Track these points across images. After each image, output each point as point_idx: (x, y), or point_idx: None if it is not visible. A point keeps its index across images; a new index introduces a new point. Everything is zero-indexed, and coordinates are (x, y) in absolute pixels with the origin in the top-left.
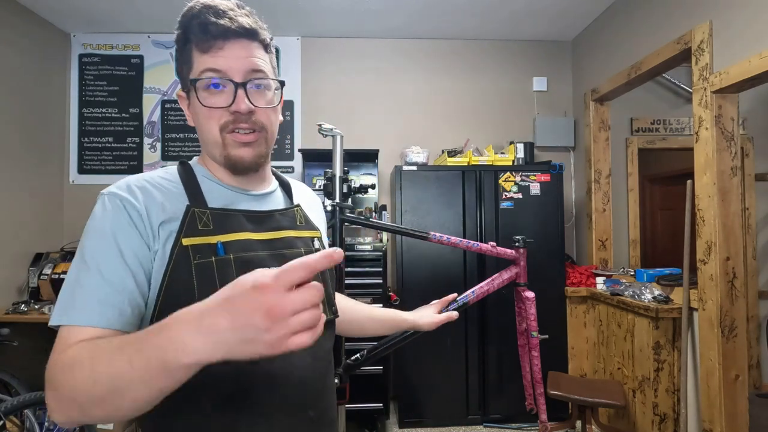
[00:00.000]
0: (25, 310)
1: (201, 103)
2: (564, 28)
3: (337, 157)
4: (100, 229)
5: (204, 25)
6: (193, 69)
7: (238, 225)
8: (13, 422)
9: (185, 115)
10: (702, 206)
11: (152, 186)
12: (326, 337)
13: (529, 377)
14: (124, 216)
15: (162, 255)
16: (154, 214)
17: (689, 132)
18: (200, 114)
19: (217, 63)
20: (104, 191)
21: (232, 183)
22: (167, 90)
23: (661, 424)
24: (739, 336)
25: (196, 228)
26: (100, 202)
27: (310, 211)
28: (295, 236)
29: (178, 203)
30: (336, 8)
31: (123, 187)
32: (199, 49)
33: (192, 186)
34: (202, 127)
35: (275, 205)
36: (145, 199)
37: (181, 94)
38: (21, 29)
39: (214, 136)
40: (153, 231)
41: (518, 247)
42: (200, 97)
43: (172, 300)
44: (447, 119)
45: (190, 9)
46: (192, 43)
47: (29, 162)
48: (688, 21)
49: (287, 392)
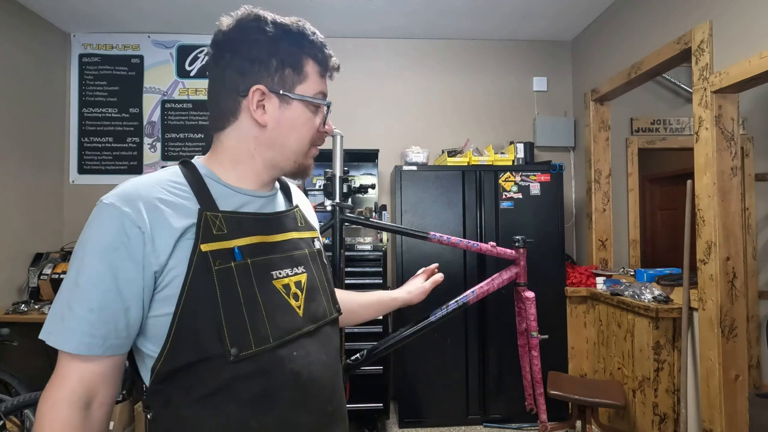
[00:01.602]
0: (25, 310)
1: (314, 119)
2: (564, 28)
3: (337, 157)
4: (96, 249)
5: (328, 55)
6: (305, 82)
7: (249, 228)
8: (13, 422)
9: (251, 108)
10: (702, 206)
11: (159, 197)
12: (335, 334)
13: (529, 377)
14: (121, 238)
15: (178, 265)
16: (163, 232)
17: (689, 132)
18: (298, 124)
19: (326, 89)
20: (105, 199)
21: (246, 186)
22: (167, 90)
23: (661, 424)
24: (739, 336)
25: (211, 233)
26: (99, 213)
27: (307, 212)
28: (299, 237)
29: (190, 209)
30: (336, 8)
31: (127, 200)
32: (320, 73)
33: (200, 188)
34: (291, 135)
35: (279, 207)
36: (150, 217)
37: (262, 89)
38: (21, 29)
39: (302, 146)
40: (157, 249)
41: (518, 247)
42: (315, 115)
43: (193, 306)
44: (447, 119)
45: (310, 31)
46: (311, 60)
47: (29, 162)
48: (688, 21)
49: (309, 389)
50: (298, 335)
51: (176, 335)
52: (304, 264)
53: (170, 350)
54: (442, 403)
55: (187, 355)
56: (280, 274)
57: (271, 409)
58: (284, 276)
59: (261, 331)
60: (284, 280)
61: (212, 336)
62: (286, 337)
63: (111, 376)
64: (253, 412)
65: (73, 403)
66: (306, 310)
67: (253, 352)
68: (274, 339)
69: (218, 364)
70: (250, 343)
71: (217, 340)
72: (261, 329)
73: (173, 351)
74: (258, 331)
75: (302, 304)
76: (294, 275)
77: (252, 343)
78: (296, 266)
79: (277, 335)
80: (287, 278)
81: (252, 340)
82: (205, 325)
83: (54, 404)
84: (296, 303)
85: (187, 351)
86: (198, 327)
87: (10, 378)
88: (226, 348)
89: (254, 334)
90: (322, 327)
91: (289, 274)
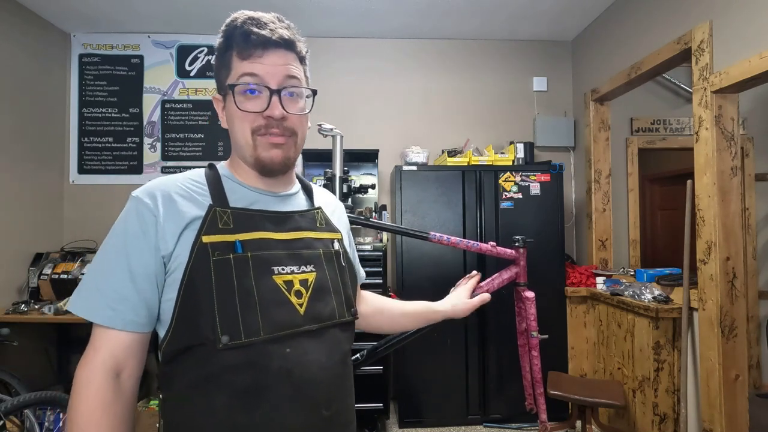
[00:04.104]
0: (25, 310)
1: (237, 107)
2: (564, 28)
3: (337, 157)
4: (118, 233)
5: (246, 34)
6: (231, 74)
7: (257, 224)
8: (13, 422)
9: (219, 117)
10: (702, 206)
11: (176, 192)
12: (345, 338)
13: (529, 377)
14: (141, 225)
15: (182, 253)
16: (172, 222)
17: (689, 132)
18: (234, 117)
19: (254, 68)
20: (133, 193)
21: (256, 185)
22: (167, 90)
23: (661, 424)
24: (739, 336)
25: (217, 227)
26: (127, 203)
27: (332, 215)
28: (314, 237)
29: (202, 204)
30: (336, 8)
31: (148, 193)
32: (240, 56)
33: (216, 187)
34: (235, 129)
35: (296, 206)
36: (164, 207)
37: (218, 97)
38: (21, 29)
39: (245, 137)
40: (166, 236)
41: (518, 247)
42: (236, 101)
43: (192, 292)
44: (447, 119)
45: (235, 19)
46: (233, 50)
47: (29, 162)
48: (688, 21)
49: (300, 389)
50: (295, 333)
51: (178, 319)
52: (314, 263)
53: (173, 333)
54: (442, 403)
55: (186, 338)
56: (282, 270)
57: (259, 403)
58: (287, 272)
59: (252, 324)
60: (286, 276)
61: (207, 323)
62: (280, 333)
63: (136, 351)
64: (241, 404)
65: (106, 370)
66: (309, 308)
67: (242, 343)
68: (265, 332)
69: (210, 350)
70: (240, 334)
71: (210, 327)
72: (252, 321)
73: (175, 334)
74: (249, 323)
75: (305, 302)
76: (300, 273)
77: (242, 334)
78: (304, 264)
79: (269, 329)
80: (291, 275)
81: (242, 331)
82: (202, 312)
83: (91, 370)
84: (298, 300)
85: (186, 335)
86: (195, 313)
87: (10, 378)
88: (217, 335)
89: (245, 325)
90: (328, 328)
91: (294, 271)
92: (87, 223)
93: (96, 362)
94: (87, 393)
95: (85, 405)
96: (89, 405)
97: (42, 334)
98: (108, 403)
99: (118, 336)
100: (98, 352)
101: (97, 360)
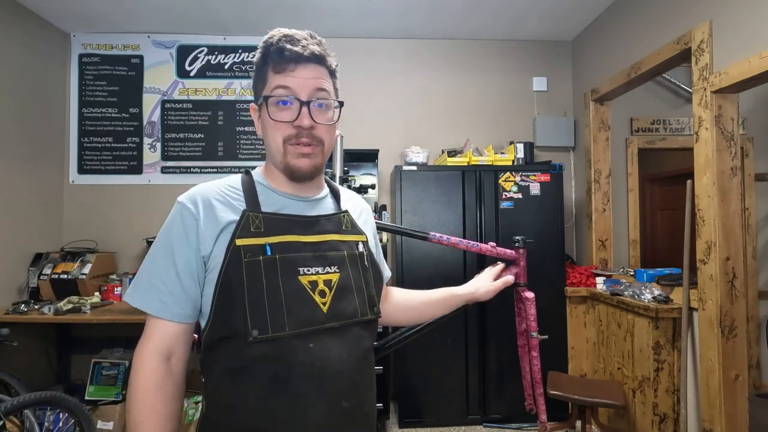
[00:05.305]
0: (25, 310)
1: (270, 117)
2: (564, 28)
3: (337, 157)
4: (165, 234)
5: (281, 50)
6: (266, 86)
7: (286, 228)
8: (13, 422)
9: (255, 126)
10: (702, 206)
11: (215, 197)
12: (366, 335)
13: (528, 377)
14: (184, 227)
15: (219, 254)
16: (210, 225)
17: (689, 132)
18: (268, 125)
19: (287, 81)
20: (179, 198)
21: (286, 190)
22: (167, 90)
23: (661, 424)
24: (739, 336)
25: (249, 230)
26: (174, 207)
27: (358, 218)
28: (340, 239)
29: (237, 209)
30: (336, 8)
31: (190, 198)
32: (274, 70)
33: (250, 193)
34: (268, 137)
35: (324, 210)
36: (204, 212)
37: (254, 107)
38: (21, 29)
39: (277, 145)
40: (205, 238)
41: (518, 247)
42: (270, 111)
43: (226, 290)
44: (447, 119)
45: (271, 36)
46: (269, 65)
47: (29, 162)
48: (688, 21)
49: (322, 381)
50: (318, 329)
51: (215, 312)
52: (339, 264)
53: (211, 324)
54: (442, 403)
55: (222, 330)
56: (308, 271)
57: (284, 392)
58: (312, 273)
59: (278, 319)
60: (311, 276)
61: (240, 317)
62: (303, 329)
63: (183, 339)
64: (269, 392)
65: (158, 354)
66: (332, 307)
67: (270, 337)
68: (290, 328)
69: (242, 342)
70: (267, 328)
71: (242, 322)
72: (279, 318)
73: (213, 325)
74: (276, 318)
75: (329, 301)
76: (325, 274)
77: (269, 329)
78: (329, 266)
79: (293, 325)
80: (316, 276)
81: (269, 326)
82: (235, 308)
83: (146, 355)
84: (322, 300)
85: (222, 327)
86: (229, 308)
87: (10, 378)
88: (248, 329)
89: (272, 320)
90: (351, 326)
91: (319, 272)
92: (87, 223)
93: (149, 348)
94: (143, 374)
95: (141, 384)
96: (144, 384)
97: (42, 334)
98: (160, 382)
99: (167, 325)
100: (151, 340)
101: (150, 346)
